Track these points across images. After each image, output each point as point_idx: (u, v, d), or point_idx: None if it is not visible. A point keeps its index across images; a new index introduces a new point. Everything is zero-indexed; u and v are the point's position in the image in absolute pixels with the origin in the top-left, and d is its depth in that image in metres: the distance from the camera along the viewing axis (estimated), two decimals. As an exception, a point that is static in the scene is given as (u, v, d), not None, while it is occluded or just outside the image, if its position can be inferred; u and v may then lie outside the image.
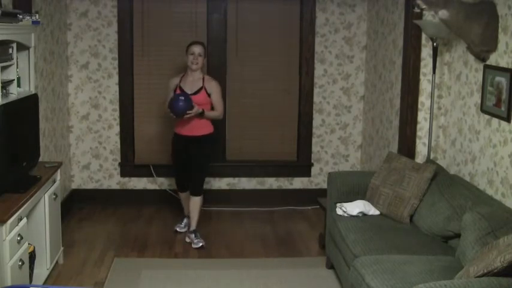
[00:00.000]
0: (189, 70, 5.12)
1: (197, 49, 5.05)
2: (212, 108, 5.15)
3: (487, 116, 4.01)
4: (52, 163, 4.54)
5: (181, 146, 5.18)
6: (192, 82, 5.10)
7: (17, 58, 4.01)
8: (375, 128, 5.74)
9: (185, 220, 5.42)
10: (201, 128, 5.10)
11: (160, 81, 6.02)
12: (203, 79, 5.11)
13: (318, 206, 5.28)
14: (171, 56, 5.98)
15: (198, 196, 5.17)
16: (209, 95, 5.09)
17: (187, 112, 4.94)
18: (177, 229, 5.39)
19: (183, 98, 4.95)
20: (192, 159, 5.13)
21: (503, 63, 3.78)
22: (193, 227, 5.17)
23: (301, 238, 5.26)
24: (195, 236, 5.11)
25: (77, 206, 5.98)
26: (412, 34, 4.73)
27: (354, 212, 4.29)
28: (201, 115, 5.01)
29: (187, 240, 5.16)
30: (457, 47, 4.53)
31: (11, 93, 3.97)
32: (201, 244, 5.03)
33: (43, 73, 5.08)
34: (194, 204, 5.17)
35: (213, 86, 5.12)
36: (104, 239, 5.20)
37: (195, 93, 5.05)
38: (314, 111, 6.17)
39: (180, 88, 5.09)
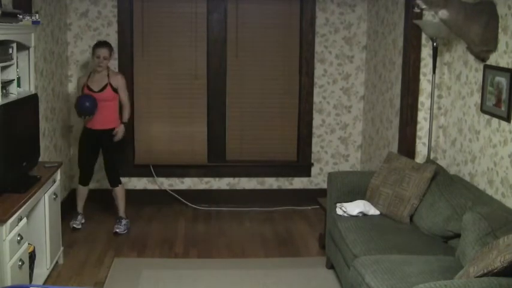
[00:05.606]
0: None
1: (102, 52, 5.18)
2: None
3: (487, 116, 4.01)
4: (52, 163, 4.54)
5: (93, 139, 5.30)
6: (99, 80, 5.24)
7: (17, 58, 4.01)
8: (375, 128, 5.74)
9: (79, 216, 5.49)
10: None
11: (161, 81, 6.03)
12: (108, 75, 5.25)
13: (318, 206, 5.28)
14: (171, 56, 5.99)
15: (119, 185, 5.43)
16: (115, 91, 5.24)
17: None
18: (74, 226, 5.39)
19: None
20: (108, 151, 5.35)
21: (503, 63, 3.78)
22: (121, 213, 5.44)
23: (301, 238, 5.26)
24: (119, 222, 5.38)
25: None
26: (412, 34, 4.73)
27: (354, 212, 4.29)
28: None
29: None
30: (457, 47, 4.53)
31: (11, 93, 3.97)
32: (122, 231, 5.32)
33: (43, 73, 5.08)
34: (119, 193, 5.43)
35: (118, 80, 5.25)
36: (104, 239, 5.20)
37: (101, 90, 5.20)
38: (314, 111, 6.16)
39: (88, 87, 5.22)
